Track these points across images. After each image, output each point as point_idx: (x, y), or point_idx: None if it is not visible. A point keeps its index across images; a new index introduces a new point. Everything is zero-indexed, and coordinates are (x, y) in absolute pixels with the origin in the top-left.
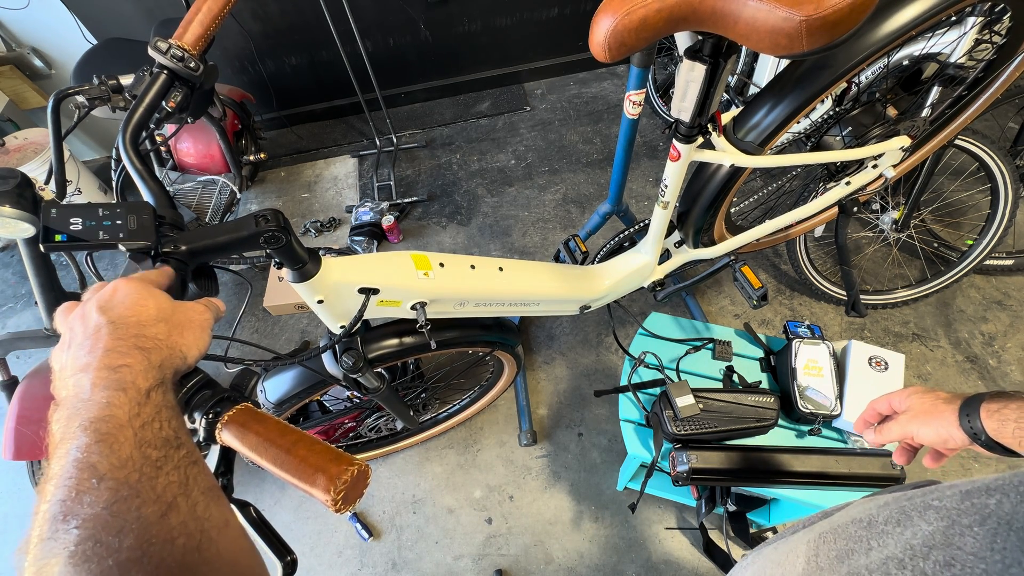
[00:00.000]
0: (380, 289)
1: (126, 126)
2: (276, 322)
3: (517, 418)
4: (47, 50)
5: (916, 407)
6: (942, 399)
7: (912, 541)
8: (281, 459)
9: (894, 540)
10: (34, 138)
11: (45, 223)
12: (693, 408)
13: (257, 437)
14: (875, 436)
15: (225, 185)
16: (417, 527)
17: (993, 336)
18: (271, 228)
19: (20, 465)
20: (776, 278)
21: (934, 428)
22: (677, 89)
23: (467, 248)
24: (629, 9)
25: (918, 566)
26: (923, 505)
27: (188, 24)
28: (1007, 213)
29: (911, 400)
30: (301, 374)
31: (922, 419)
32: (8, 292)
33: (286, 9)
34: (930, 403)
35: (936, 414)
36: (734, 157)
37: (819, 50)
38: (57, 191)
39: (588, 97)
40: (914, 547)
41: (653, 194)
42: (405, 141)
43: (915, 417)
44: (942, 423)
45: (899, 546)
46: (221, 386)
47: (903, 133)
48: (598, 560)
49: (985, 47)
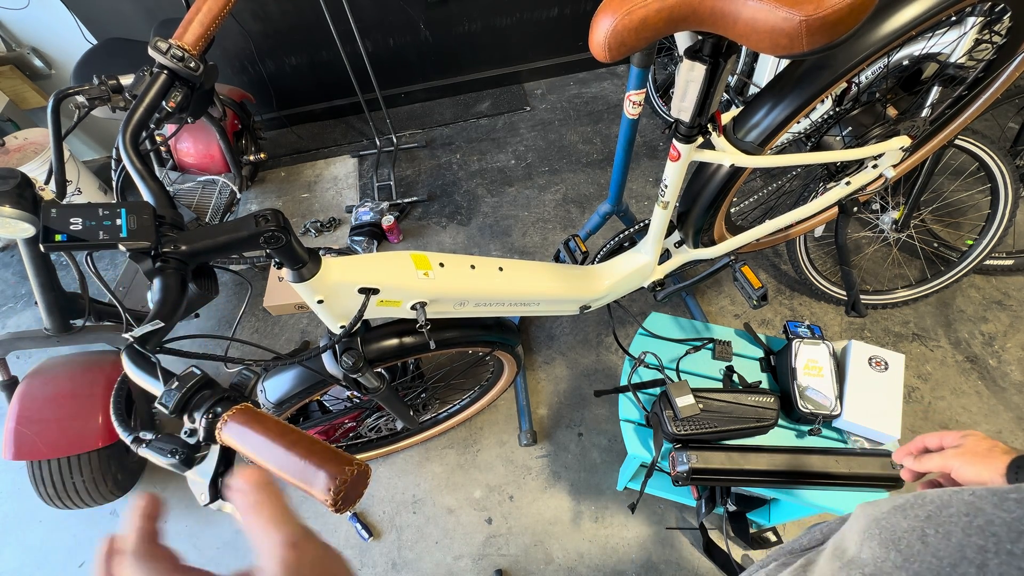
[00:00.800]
0: (380, 289)
1: (126, 126)
2: (276, 322)
3: (517, 418)
4: (47, 50)
5: (969, 447)
6: (1000, 448)
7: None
8: (281, 459)
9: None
10: (34, 138)
11: (45, 223)
12: (693, 408)
13: (257, 437)
14: (913, 464)
15: (225, 185)
16: (417, 527)
17: (993, 336)
18: (271, 228)
19: (20, 465)
20: (776, 278)
21: (977, 469)
22: (677, 89)
23: (467, 248)
24: (629, 9)
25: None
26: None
27: (188, 24)
28: (1007, 213)
29: (966, 440)
30: (301, 374)
31: (968, 458)
32: (8, 292)
33: (286, 9)
34: (987, 448)
35: (988, 458)
36: (734, 157)
37: (819, 50)
38: (57, 191)
39: (588, 97)
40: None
41: (653, 194)
42: (405, 141)
43: (962, 455)
44: (988, 467)
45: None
46: (221, 386)
47: (903, 133)
48: (598, 560)
49: (985, 47)
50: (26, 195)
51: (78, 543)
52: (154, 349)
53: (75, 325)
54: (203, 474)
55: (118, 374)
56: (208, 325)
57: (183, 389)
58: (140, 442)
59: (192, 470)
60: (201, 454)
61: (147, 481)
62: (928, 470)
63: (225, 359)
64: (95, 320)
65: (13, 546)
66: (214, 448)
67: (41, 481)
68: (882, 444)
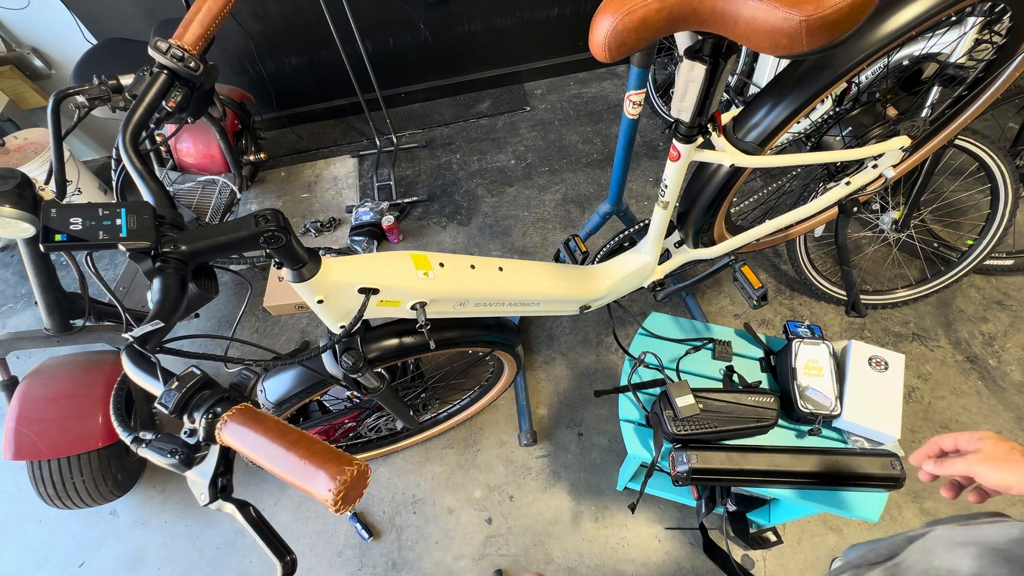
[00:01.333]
0: (380, 289)
1: (126, 126)
2: (276, 322)
3: (517, 418)
4: (47, 50)
5: (988, 451)
6: (1019, 451)
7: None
8: (280, 459)
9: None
10: (34, 138)
11: (45, 223)
12: (693, 408)
13: (257, 437)
14: (934, 467)
15: (225, 185)
16: (417, 527)
17: (993, 336)
18: (271, 228)
19: (20, 465)
20: (776, 278)
21: (1002, 473)
22: (677, 89)
23: (467, 248)
24: (629, 9)
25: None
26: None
27: (188, 24)
28: (1007, 213)
29: (983, 443)
30: (301, 374)
31: (992, 463)
32: (8, 292)
33: (286, 9)
34: (1006, 451)
35: (1011, 462)
36: (734, 157)
37: (819, 50)
38: (57, 191)
39: (588, 97)
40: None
41: (653, 194)
42: (405, 141)
43: (985, 460)
44: (1013, 471)
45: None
46: (221, 386)
47: (903, 133)
48: (598, 560)
49: (985, 47)
50: (26, 195)
51: (78, 543)
52: (154, 349)
53: (75, 325)
54: (203, 474)
55: (118, 374)
56: (208, 325)
57: (183, 389)
58: (140, 442)
59: (192, 470)
60: (201, 454)
61: (147, 481)
62: (951, 474)
63: (225, 359)
64: (95, 320)
65: (13, 546)
66: (214, 448)
67: (41, 481)
68: (882, 444)
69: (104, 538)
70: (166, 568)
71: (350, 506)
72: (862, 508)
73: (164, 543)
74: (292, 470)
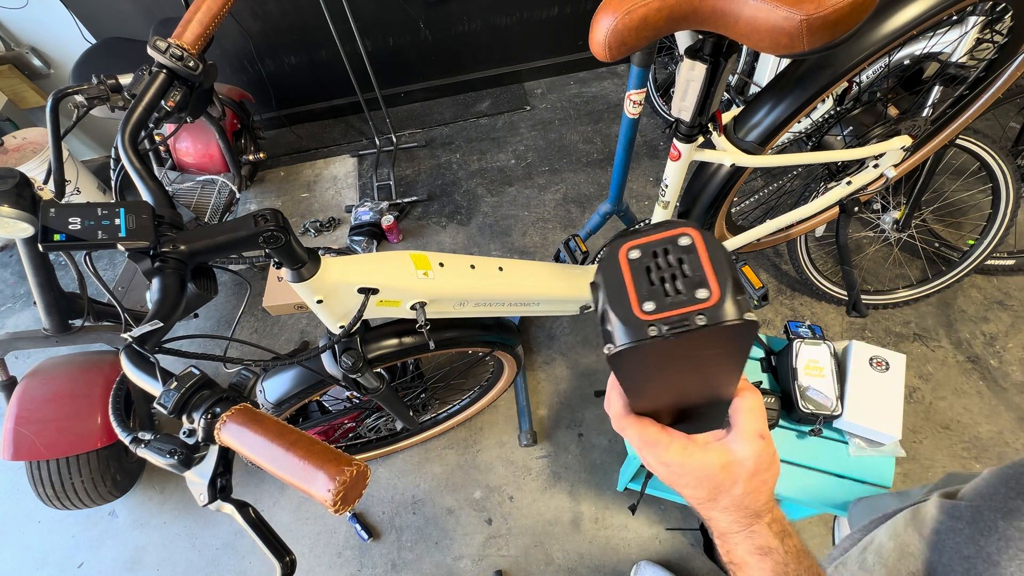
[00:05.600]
0: (379, 289)
1: (125, 125)
2: (275, 322)
3: (517, 418)
4: (46, 49)
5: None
6: None
7: None
8: (280, 459)
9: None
10: (33, 138)
11: (44, 223)
12: None
13: (256, 437)
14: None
15: (224, 185)
16: (417, 528)
17: (994, 336)
18: (270, 228)
19: (19, 465)
20: (777, 278)
21: None
22: (678, 88)
23: (467, 248)
24: (629, 8)
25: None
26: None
27: (187, 23)
28: (1008, 213)
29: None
30: (300, 374)
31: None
32: (7, 292)
33: (286, 8)
34: None
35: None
36: (735, 157)
37: (820, 49)
38: (56, 191)
39: (588, 96)
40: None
41: (653, 194)
42: (405, 141)
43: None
44: None
45: None
46: (220, 386)
47: (904, 133)
48: (598, 561)
49: (986, 46)
50: (25, 195)
51: (77, 543)
52: (153, 349)
53: (74, 325)
54: (202, 474)
55: (117, 374)
56: (207, 325)
57: (182, 389)
58: (139, 442)
59: (191, 470)
60: (200, 454)
61: (146, 482)
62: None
63: (224, 359)
64: (94, 320)
65: (12, 547)
66: (213, 448)
67: (40, 481)
68: (883, 444)
69: (103, 539)
70: (165, 569)
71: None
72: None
73: (163, 544)
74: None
